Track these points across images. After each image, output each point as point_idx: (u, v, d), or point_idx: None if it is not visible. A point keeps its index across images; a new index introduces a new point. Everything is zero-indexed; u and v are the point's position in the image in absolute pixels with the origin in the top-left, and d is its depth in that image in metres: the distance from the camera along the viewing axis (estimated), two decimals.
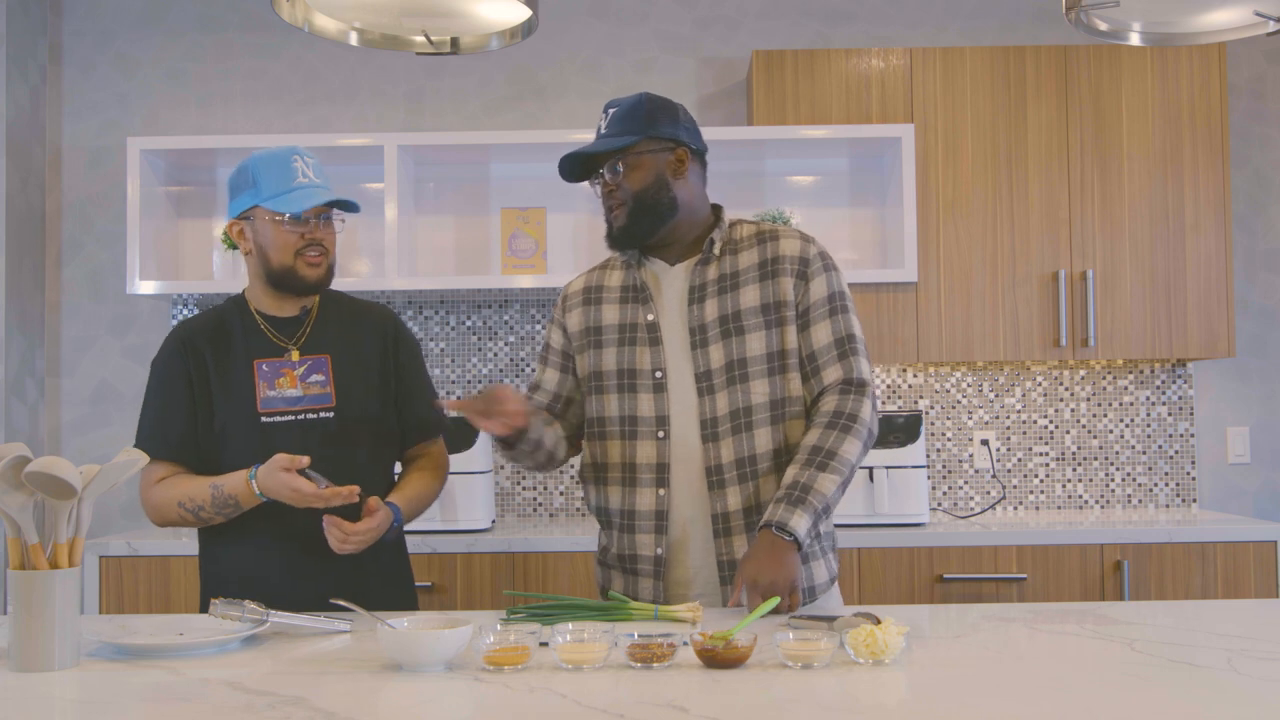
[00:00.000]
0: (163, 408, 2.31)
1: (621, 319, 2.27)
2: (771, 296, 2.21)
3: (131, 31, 4.08)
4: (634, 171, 2.21)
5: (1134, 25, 2.30)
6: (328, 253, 2.30)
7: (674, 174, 2.23)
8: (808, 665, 1.63)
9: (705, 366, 2.19)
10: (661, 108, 2.25)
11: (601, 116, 2.26)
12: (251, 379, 2.29)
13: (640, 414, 2.21)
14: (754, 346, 2.19)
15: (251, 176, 2.27)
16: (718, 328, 2.20)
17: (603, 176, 2.23)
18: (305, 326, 2.35)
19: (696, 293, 2.23)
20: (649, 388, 2.21)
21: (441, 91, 4.07)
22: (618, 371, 2.24)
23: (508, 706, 1.50)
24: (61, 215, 4.05)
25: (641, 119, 2.21)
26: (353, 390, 2.33)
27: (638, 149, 2.21)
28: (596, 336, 2.29)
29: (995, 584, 3.36)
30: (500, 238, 3.86)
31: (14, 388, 3.82)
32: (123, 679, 1.66)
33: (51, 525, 1.73)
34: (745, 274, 2.23)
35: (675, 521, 2.19)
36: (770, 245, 2.25)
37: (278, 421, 2.27)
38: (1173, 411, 4.01)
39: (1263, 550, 3.38)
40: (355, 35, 2.29)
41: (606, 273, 2.36)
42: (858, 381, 2.19)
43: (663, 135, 2.22)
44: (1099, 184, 3.70)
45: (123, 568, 3.37)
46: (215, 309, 2.41)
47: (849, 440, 2.13)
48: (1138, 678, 1.60)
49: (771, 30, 4.07)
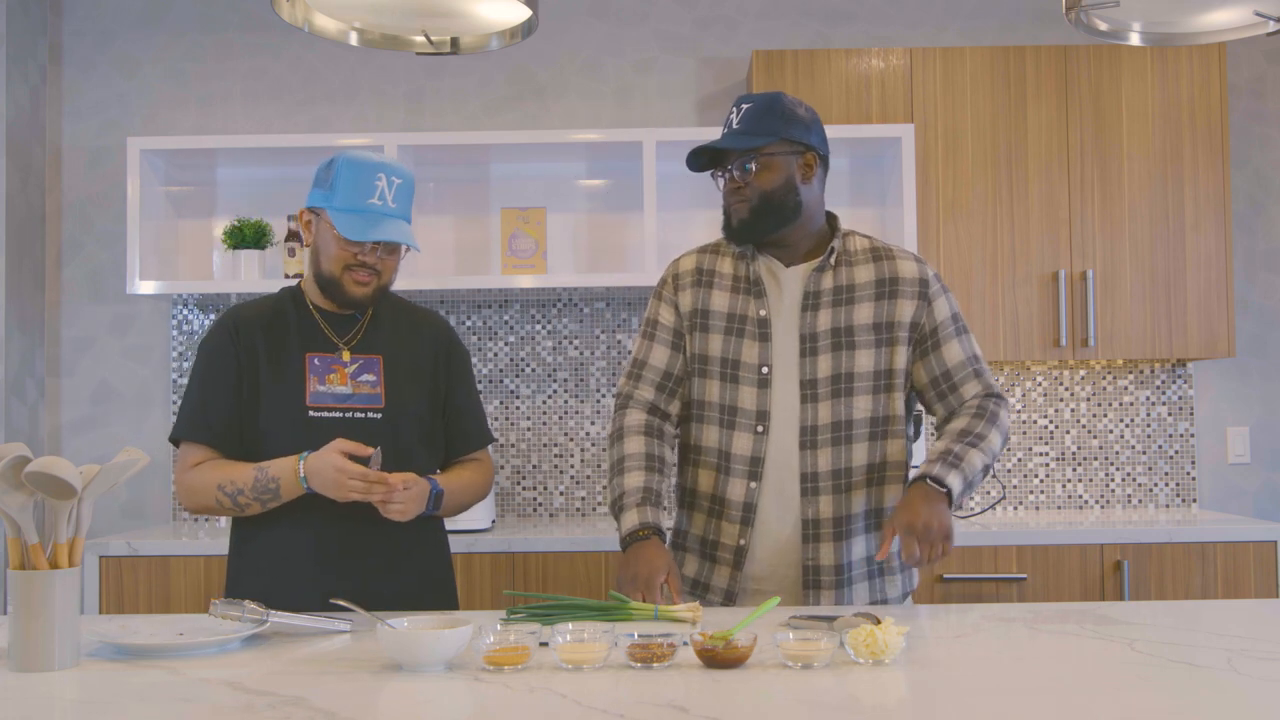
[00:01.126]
0: (208, 392, 2.27)
1: (732, 308, 2.28)
2: (886, 316, 2.25)
3: (131, 31, 4.08)
4: (765, 171, 2.22)
5: (1134, 25, 2.30)
6: (380, 275, 2.26)
7: (802, 178, 2.25)
8: (808, 665, 1.64)
9: (812, 374, 2.22)
10: (795, 109, 2.25)
11: (732, 110, 2.27)
12: (302, 372, 2.26)
13: (742, 405, 2.24)
14: (863, 363, 2.22)
15: (333, 177, 2.22)
16: (829, 339, 2.23)
17: (730, 172, 2.24)
18: (360, 326, 2.33)
19: (811, 299, 2.25)
20: (753, 381, 2.24)
21: (441, 91, 4.07)
22: (722, 360, 2.26)
23: (508, 706, 1.50)
24: (61, 215, 4.05)
25: (777, 119, 2.22)
26: (403, 393, 2.30)
27: (771, 149, 2.22)
28: (704, 320, 2.30)
29: (995, 584, 3.36)
30: (500, 238, 3.86)
31: (14, 388, 3.82)
32: (123, 679, 1.66)
33: (51, 525, 1.73)
34: (861, 289, 2.26)
35: (763, 517, 2.22)
36: (888, 264, 2.29)
37: (325, 417, 2.24)
38: (1173, 411, 4.01)
39: (1263, 550, 3.39)
40: (355, 35, 2.29)
41: (718, 258, 2.35)
42: (996, 394, 2.27)
43: (795, 138, 2.23)
44: (1099, 184, 3.70)
45: (123, 568, 3.37)
46: (270, 297, 2.38)
47: (995, 431, 2.22)
48: (1138, 678, 1.60)
49: (771, 30, 4.07)
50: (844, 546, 2.22)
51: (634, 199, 3.88)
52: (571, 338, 4.00)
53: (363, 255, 2.22)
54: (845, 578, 2.23)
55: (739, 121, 2.24)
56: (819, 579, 2.20)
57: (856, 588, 2.25)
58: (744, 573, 2.24)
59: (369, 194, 2.19)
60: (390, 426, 2.27)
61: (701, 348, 2.30)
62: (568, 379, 3.99)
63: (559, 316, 4.00)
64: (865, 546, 2.26)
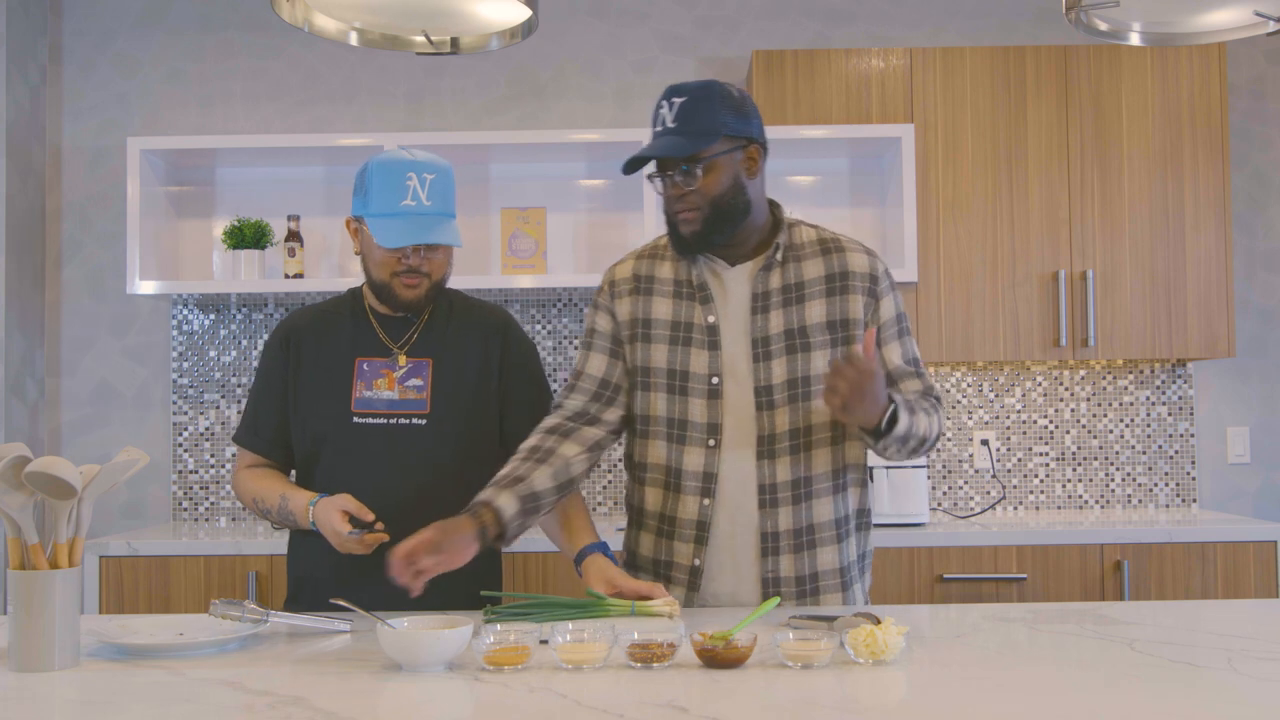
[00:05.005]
0: (259, 400, 2.32)
1: (675, 315, 2.15)
2: (839, 314, 2.12)
3: (131, 31, 4.08)
4: (710, 175, 2.05)
5: (1134, 25, 2.30)
6: (429, 276, 2.23)
7: (748, 173, 2.09)
8: (808, 665, 1.63)
9: (767, 380, 2.09)
10: (732, 99, 2.08)
11: (663, 104, 2.07)
12: (350, 377, 2.25)
13: (691, 419, 2.11)
14: (819, 364, 2.09)
15: (366, 183, 2.20)
16: (783, 341, 2.10)
17: (671, 178, 2.07)
18: (416, 328, 2.29)
19: (760, 301, 2.12)
20: (703, 393, 2.10)
21: (441, 91, 4.06)
22: (668, 371, 2.13)
23: (507, 706, 1.50)
24: (61, 215, 4.05)
25: (716, 114, 2.04)
26: (449, 397, 2.25)
27: (713, 150, 2.04)
28: (646, 330, 2.16)
29: (995, 584, 3.36)
30: (500, 238, 3.86)
31: (14, 388, 3.82)
32: (123, 679, 1.66)
33: (51, 525, 1.73)
34: (811, 286, 2.13)
35: (717, 534, 2.10)
36: (837, 258, 2.15)
37: (370, 423, 2.23)
38: (1173, 411, 4.01)
39: (1263, 550, 3.39)
40: (355, 35, 2.29)
41: (656, 262, 2.21)
42: (937, 396, 2.18)
43: (737, 132, 2.06)
44: (1099, 184, 3.70)
45: (123, 568, 3.37)
46: (332, 300, 2.38)
47: (934, 419, 2.12)
48: (1138, 678, 1.60)
49: (771, 30, 4.07)
50: (805, 558, 2.11)
51: (634, 199, 3.87)
52: (571, 338, 4.00)
53: (406, 259, 2.20)
54: (808, 588, 2.11)
55: (674, 119, 2.05)
56: (779, 592, 2.09)
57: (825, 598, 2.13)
58: (701, 593, 2.12)
59: (401, 195, 2.16)
60: (433, 433, 2.23)
61: (645, 359, 2.16)
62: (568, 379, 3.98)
63: (559, 316, 4.00)
64: (834, 557, 2.13)
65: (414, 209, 2.17)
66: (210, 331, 4.00)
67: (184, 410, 3.99)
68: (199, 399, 3.99)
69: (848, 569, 2.16)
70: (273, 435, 2.31)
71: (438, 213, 2.20)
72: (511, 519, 2.03)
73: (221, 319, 4.01)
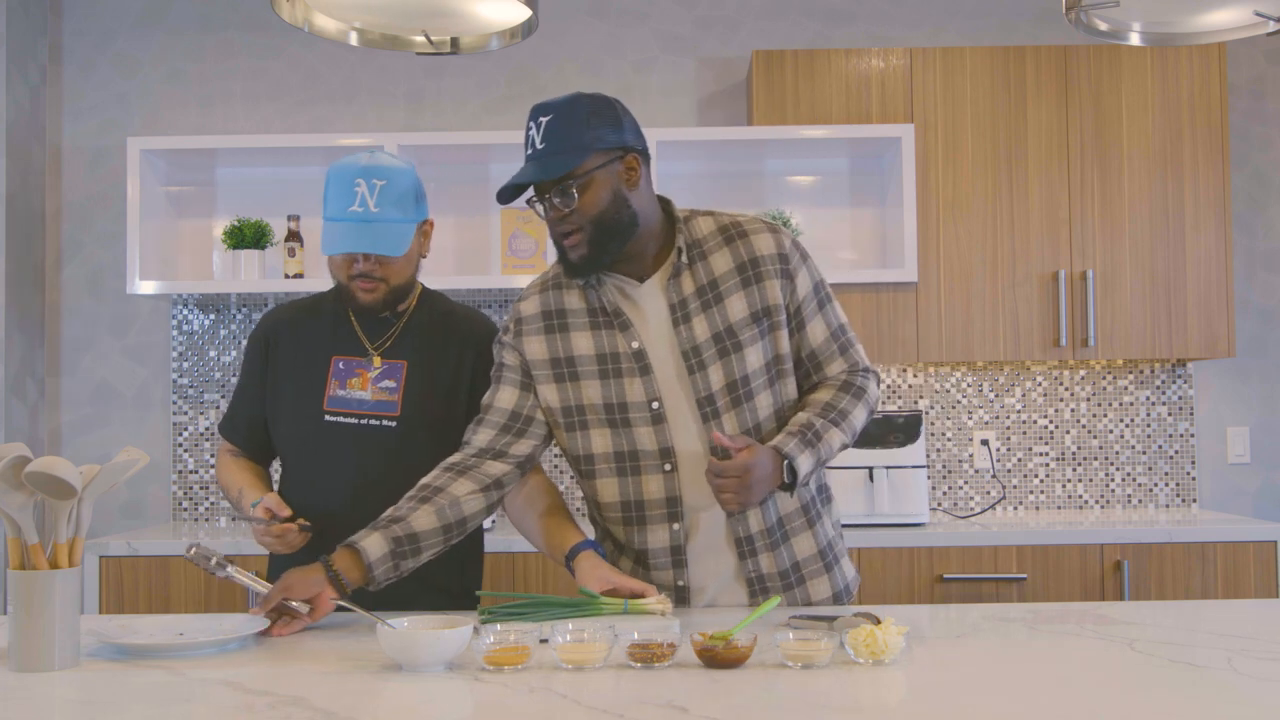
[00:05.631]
0: (239, 394, 2.38)
1: (598, 348, 2.07)
2: (759, 303, 2.06)
3: (131, 31, 4.08)
4: (587, 193, 1.97)
5: (1134, 25, 2.30)
6: (385, 281, 2.20)
7: (628, 185, 2.01)
8: (808, 665, 1.63)
9: (706, 391, 2.04)
10: (600, 111, 2.01)
11: (530, 125, 2.01)
12: (325, 375, 2.26)
13: (642, 448, 2.06)
14: (752, 361, 2.05)
15: (325, 188, 2.20)
16: (713, 347, 2.04)
17: (549, 201, 1.99)
18: (394, 329, 2.29)
19: (679, 311, 2.05)
20: (646, 420, 2.05)
21: (441, 91, 4.07)
22: (605, 406, 2.07)
23: (507, 706, 1.50)
24: (61, 215, 4.05)
25: (583, 128, 1.97)
26: (421, 402, 2.24)
27: (586, 167, 1.96)
28: (571, 368, 2.08)
29: (995, 584, 3.36)
30: (500, 238, 3.86)
31: (14, 388, 3.82)
32: (123, 679, 1.66)
33: (51, 525, 1.73)
34: (725, 281, 2.07)
35: (694, 553, 2.09)
36: (742, 245, 2.08)
37: (340, 422, 2.24)
38: (1173, 411, 4.01)
39: (1263, 550, 3.39)
40: (355, 35, 2.29)
41: (563, 293, 2.12)
42: (863, 368, 2.14)
43: (609, 145, 1.99)
44: (1099, 184, 3.70)
45: (123, 568, 3.37)
46: (316, 295, 2.40)
47: (859, 407, 2.09)
48: (1138, 678, 1.60)
49: (771, 30, 4.07)
50: (782, 551, 2.10)
51: None
52: None
53: (356, 265, 2.20)
54: (793, 579, 2.12)
55: (542, 140, 1.98)
56: (765, 586, 2.10)
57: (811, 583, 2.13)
58: (691, 607, 2.11)
59: (349, 201, 2.16)
60: (402, 437, 2.23)
61: (576, 398, 2.08)
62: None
63: None
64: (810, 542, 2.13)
65: (359, 215, 2.16)
66: (210, 331, 4.00)
67: (184, 410, 3.99)
68: (199, 399, 3.99)
69: (826, 550, 2.16)
70: (248, 430, 2.36)
71: (386, 218, 2.16)
72: (377, 561, 1.96)
73: (221, 319, 4.01)
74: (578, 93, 2.05)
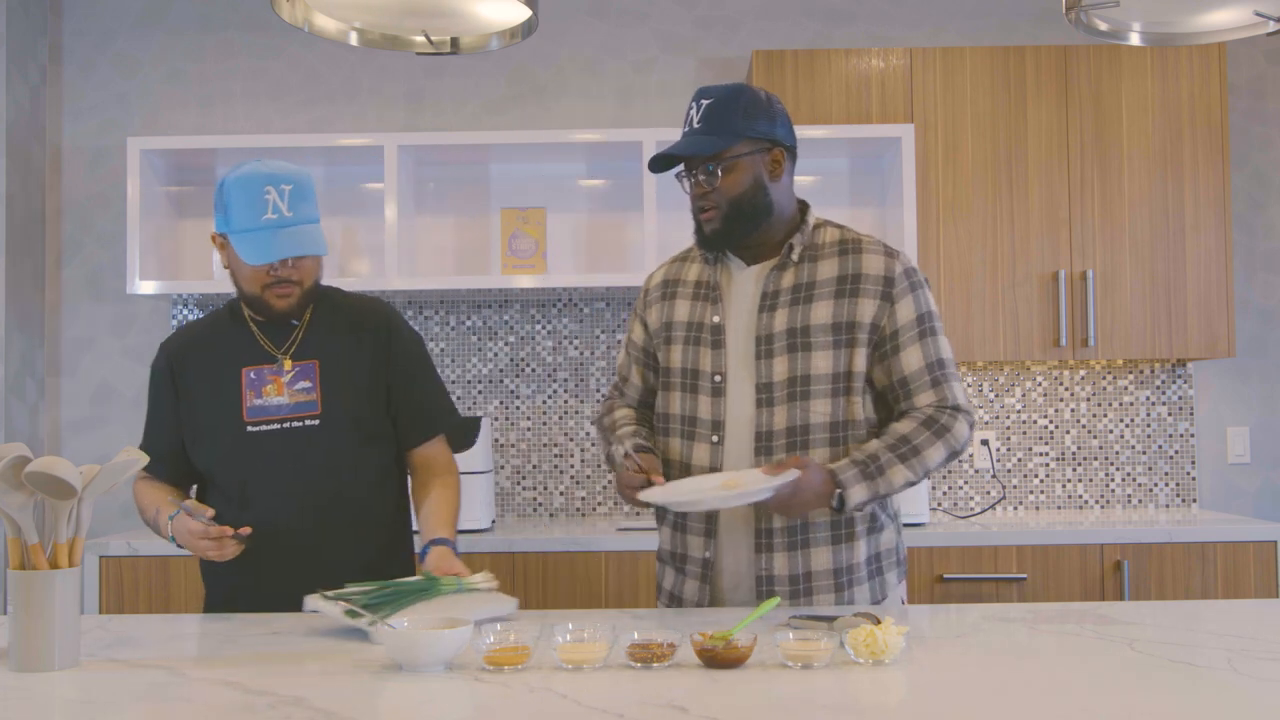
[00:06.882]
0: (150, 423, 2.36)
1: (691, 316, 2.22)
2: (846, 315, 2.12)
3: (131, 31, 4.08)
4: (730, 175, 2.12)
5: (1134, 25, 2.30)
6: (300, 284, 2.25)
7: (771, 175, 2.15)
8: (808, 665, 1.63)
9: (768, 378, 2.12)
10: (758, 103, 2.14)
11: (692, 106, 2.15)
12: (239, 388, 2.27)
13: (699, 416, 2.17)
14: (820, 365, 2.10)
15: (225, 200, 2.23)
16: (784, 340, 2.12)
17: (695, 176, 2.15)
18: (297, 332, 2.31)
19: (768, 300, 2.16)
20: (708, 390, 2.16)
21: (441, 91, 4.07)
22: (682, 370, 2.21)
23: (507, 706, 1.50)
24: (61, 215, 4.05)
25: (740, 117, 2.11)
26: (339, 396, 2.28)
27: (735, 151, 2.11)
28: (668, 333, 2.25)
29: (995, 584, 3.36)
30: (500, 238, 3.86)
31: (14, 388, 3.82)
32: (123, 679, 1.66)
33: (51, 525, 1.73)
34: (821, 286, 2.15)
35: (724, 527, 2.15)
36: (852, 259, 2.16)
37: (264, 430, 2.25)
38: (1173, 411, 4.01)
39: (1263, 550, 3.39)
40: (355, 35, 2.29)
41: (686, 265, 2.30)
42: (952, 406, 2.13)
43: (760, 135, 2.13)
44: (1099, 184, 3.70)
45: (123, 568, 3.37)
46: (210, 315, 2.41)
47: (938, 445, 2.09)
48: (1138, 678, 1.60)
49: (771, 30, 4.07)
50: (798, 557, 2.11)
51: (634, 199, 3.88)
52: (571, 338, 4.00)
53: (275, 271, 2.22)
54: (801, 588, 2.11)
55: (700, 120, 2.13)
56: (773, 590, 2.10)
57: (818, 598, 2.12)
58: (712, 585, 2.16)
59: (262, 210, 2.18)
60: (328, 431, 2.26)
61: (665, 360, 2.25)
62: (568, 379, 3.99)
63: (559, 316, 4.00)
64: (828, 558, 2.12)
65: (276, 221, 2.18)
66: None
67: None
68: None
69: (843, 571, 2.14)
70: (171, 463, 2.33)
71: (300, 221, 2.21)
72: None
73: None
74: (742, 83, 2.20)
